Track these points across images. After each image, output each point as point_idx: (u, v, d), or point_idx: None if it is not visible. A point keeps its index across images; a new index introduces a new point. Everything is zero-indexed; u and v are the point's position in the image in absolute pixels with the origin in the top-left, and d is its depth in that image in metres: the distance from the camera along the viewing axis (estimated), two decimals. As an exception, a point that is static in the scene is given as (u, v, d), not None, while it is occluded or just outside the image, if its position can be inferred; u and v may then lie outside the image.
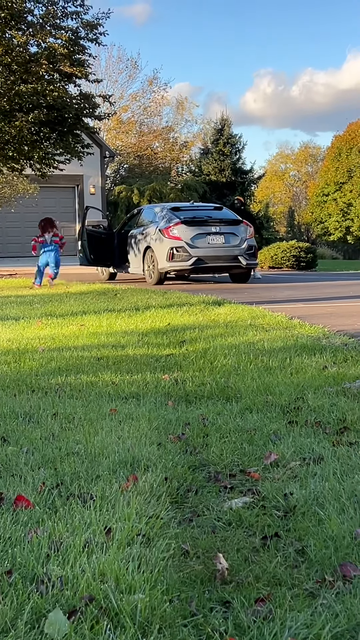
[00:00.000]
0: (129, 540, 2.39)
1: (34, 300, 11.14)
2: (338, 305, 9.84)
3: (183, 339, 6.61)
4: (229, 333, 6.91)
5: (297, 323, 7.49)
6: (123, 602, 1.98)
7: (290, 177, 67.47)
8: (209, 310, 8.85)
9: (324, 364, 5.25)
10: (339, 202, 46.28)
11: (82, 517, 2.56)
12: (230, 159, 39.04)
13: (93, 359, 5.83)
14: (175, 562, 2.28)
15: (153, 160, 41.72)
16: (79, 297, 11.53)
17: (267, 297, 11.27)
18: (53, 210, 30.14)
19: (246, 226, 14.84)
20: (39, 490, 2.85)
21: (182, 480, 2.99)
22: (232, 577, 2.18)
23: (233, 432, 3.68)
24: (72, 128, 18.06)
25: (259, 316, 8.11)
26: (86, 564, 2.20)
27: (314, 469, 3.05)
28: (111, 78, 42.22)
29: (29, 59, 16.73)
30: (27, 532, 2.44)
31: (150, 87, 43.70)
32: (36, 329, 7.74)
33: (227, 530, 2.52)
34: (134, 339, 6.78)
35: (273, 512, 2.65)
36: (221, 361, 5.52)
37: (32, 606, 1.98)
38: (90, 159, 22.34)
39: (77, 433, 3.71)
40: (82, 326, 7.76)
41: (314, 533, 2.44)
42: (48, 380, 5.08)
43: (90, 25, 17.42)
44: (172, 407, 4.26)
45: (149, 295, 11.22)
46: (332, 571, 2.19)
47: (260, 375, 4.99)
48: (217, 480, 3.01)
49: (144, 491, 2.82)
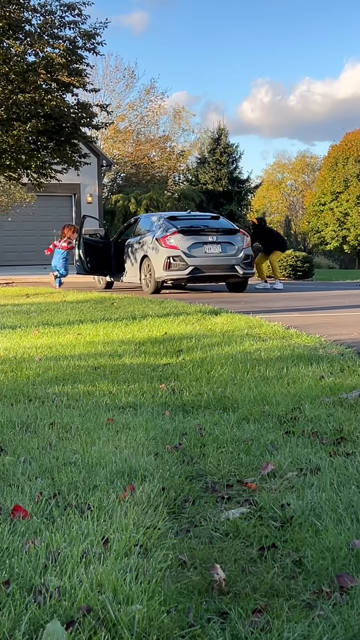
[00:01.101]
0: (127, 551, 2.39)
1: (31, 309, 11.14)
2: (335, 315, 9.85)
3: (180, 349, 6.62)
4: (226, 342, 6.92)
5: (293, 333, 7.50)
6: (121, 613, 1.98)
7: (287, 187, 67.63)
8: (206, 319, 8.86)
9: (321, 374, 5.26)
10: (336, 212, 46.37)
11: (80, 527, 2.56)
12: (227, 168, 39.10)
13: (90, 368, 5.84)
14: (172, 573, 2.28)
15: (150, 169, 41.79)
16: (76, 305, 11.53)
17: (263, 307, 11.28)
18: (50, 219, 30.22)
19: (243, 235, 14.86)
20: (37, 500, 2.85)
21: (179, 491, 3.00)
22: (229, 588, 2.18)
23: (230, 442, 3.68)
24: (69, 137, 18.10)
25: (255, 326, 8.12)
26: (84, 574, 2.21)
27: (311, 480, 3.05)
28: (108, 87, 42.35)
29: (26, 68, 16.77)
30: (24, 543, 2.44)
31: (147, 96, 43.82)
32: (33, 338, 7.74)
33: (224, 541, 2.53)
34: (130, 348, 6.78)
35: (270, 522, 2.65)
36: (218, 371, 5.53)
37: (29, 617, 1.98)
38: (87, 167, 22.38)
39: (75, 443, 3.71)
40: (79, 335, 7.76)
41: (311, 544, 2.44)
42: (45, 390, 5.08)
43: (88, 35, 17.48)
44: (169, 417, 4.26)
45: (145, 304, 11.23)
46: (330, 582, 2.20)
47: (257, 385, 5.00)
48: (214, 491, 3.01)
49: (141, 501, 2.83)
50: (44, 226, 30.30)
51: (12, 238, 29.91)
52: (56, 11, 17.26)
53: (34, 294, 14.74)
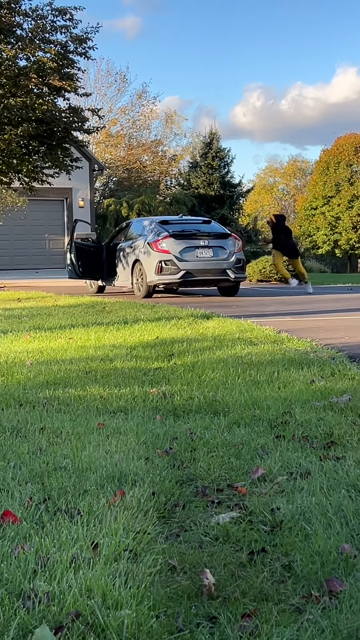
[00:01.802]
0: (116, 556, 2.39)
1: (22, 313, 11.12)
2: (326, 319, 9.87)
3: (171, 353, 6.62)
4: (217, 346, 6.92)
5: (285, 337, 7.51)
6: (110, 618, 1.98)
7: (278, 191, 67.76)
8: (198, 323, 8.86)
9: (312, 378, 5.27)
10: (327, 216, 46.46)
11: (69, 532, 2.56)
12: (218, 173, 39.20)
13: (81, 372, 5.83)
14: (162, 578, 2.28)
15: (142, 173, 41.82)
16: (68, 310, 11.52)
17: (255, 311, 11.29)
18: (42, 223, 30.23)
19: (235, 240, 14.88)
20: (26, 505, 2.84)
21: (169, 495, 3.00)
22: (218, 593, 2.18)
23: (220, 446, 3.69)
24: (61, 141, 18.10)
25: (247, 330, 8.13)
26: (73, 579, 2.20)
27: (300, 484, 3.06)
28: (100, 91, 42.42)
29: (18, 72, 16.77)
30: (14, 548, 2.44)
31: (139, 100, 43.90)
32: (24, 342, 7.73)
33: (214, 546, 2.53)
34: (122, 353, 6.78)
35: (260, 527, 2.65)
36: (209, 375, 5.53)
37: (18, 622, 1.98)
38: (79, 172, 22.37)
39: (65, 447, 3.71)
40: (70, 339, 7.75)
41: (300, 548, 2.44)
42: (36, 394, 5.07)
43: (79, 40, 17.50)
44: (160, 421, 4.26)
45: (137, 308, 11.23)
46: (319, 586, 2.20)
47: (248, 389, 5.00)
48: (204, 495, 3.01)
49: (131, 506, 2.83)
50: (36, 230, 30.30)
51: (4, 242, 29.87)
52: (47, 15, 17.28)
53: (26, 298, 14.72)
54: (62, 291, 16.80)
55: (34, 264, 29.94)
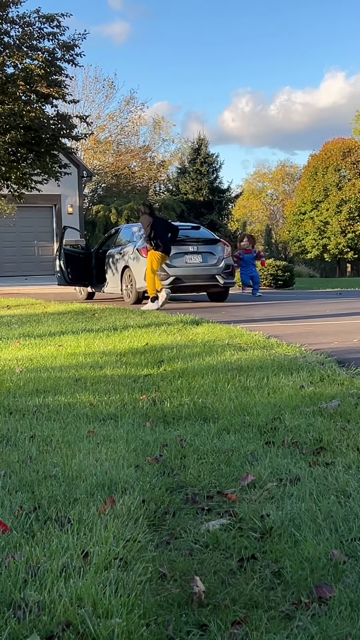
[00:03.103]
0: (107, 564, 2.40)
1: (12, 320, 11.11)
2: (315, 324, 9.89)
3: (161, 359, 6.62)
4: (207, 353, 6.93)
5: (274, 342, 7.52)
6: (100, 627, 1.98)
7: (267, 196, 67.89)
8: (187, 329, 8.87)
9: (301, 384, 5.28)
10: (316, 221, 46.62)
11: (60, 541, 2.56)
12: (207, 178, 39.26)
13: (71, 379, 5.83)
14: (152, 586, 2.29)
15: (131, 179, 41.85)
16: (57, 317, 11.51)
17: (244, 316, 11.31)
18: (31, 230, 30.16)
19: (224, 245, 14.90)
20: (16, 514, 2.84)
21: (159, 503, 3.00)
22: (209, 600, 2.19)
23: (210, 453, 3.69)
24: (49, 148, 18.08)
25: (236, 335, 8.14)
26: (63, 588, 2.21)
27: (290, 490, 3.07)
28: (88, 98, 42.44)
29: (5, 79, 16.76)
30: (4, 557, 2.44)
31: (127, 107, 43.95)
32: (14, 349, 7.72)
33: (204, 553, 2.53)
34: (112, 359, 6.78)
35: (250, 533, 2.66)
36: (199, 381, 5.54)
37: (9, 632, 1.98)
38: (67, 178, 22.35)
39: (55, 456, 3.71)
40: (60, 347, 7.75)
41: (290, 554, 2.45)
42: (26, 402, 5.07)
43: (67, 46, 17.50)
44: (150, 429, 4.26)
45: (127, 314, 11.23)
46: (308, 593, 2.21)
47: (238, 395, 5.01)
48: (194, 502, 3.02)
49: (121, 514, 2.83)
50: (25, 237, 30.23)
51: (-7, 249, 29.81)
52: (35, 23, 17.28)
53: (15, 306, 14.70)
54: (52, 298, 16.78)
55: (23, 271, 29.87)
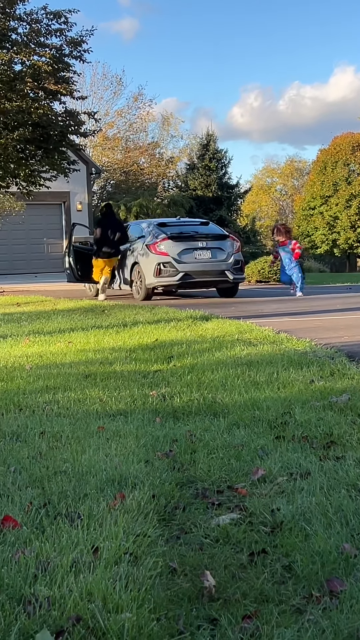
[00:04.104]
0: (117, 559, 2.39)
1: (22, 318, 11.12)
2: (325, 319, 9.87)
3: (171, 355, 6.62)
4: (217, 348, 6.92)
5: (284, 337, 7.50)
6: (110, 622, 1.98)
7: (276, 191, 67.73)
8: (197, 325, 8.86)
9: (311, 378, 5.26)
10: (325, 216, 46.47)
11: (70, 536, 2.56)
12: (216, 174, 39.20)
13: (81, 376, 5.83)
14: (162, 580, 2.28)
15: (139, 176, 41.84)
16: (67, 314, 11.52)
17: (254, 312, 11.29)
18: (40, 228, 30.24)
19: (233, 241, 14.88)
20: (26, 510, 2.84)
21: (169, 498, 3.00)
22: (219, 594, 2.18)
23: (220, 448, 3.68)
24: (57, 145, 18.09)
25: (246, 331, 8.12)
26: (73, 583, 2.20)
27: (301, 484, 3.05)
28: (96, 95, 42.45)
29: (13, 77, 16.76)
30: (14, 553, 2.44)
31: (135, 103, 43.95)
32: (23, 346, 7.73)
33: (214, 547, 2.53)
34: (121, 355, 6.78)
35: (260, 528, 2.65)
36: (209, 376, 5.53)
37: (19, 627, 1.98)
38: (76, 175, 22.38)
39: (65, 451, 3.71)
40: (69, 343, 7.75)
41: (300, 549, 2.44)
42: (35, 399, 5.07)
43: (74, 43, 17.48)
44: (160, 424, 4.26)
45: (136, 311, 11.23)
46: (319, 587, 2.20)
47: (248, 390, 5.00)
48: (204, 497, 3.01)
49: (131, 509, 2.83)
50: (34, 235, 30.31)
51: (3, 247, 29.90)
52: (42, 19, 17.26)
53: (25, 303, 14.73)
54: (61, 295, 16.81)
55: (32, 269, 29.94)
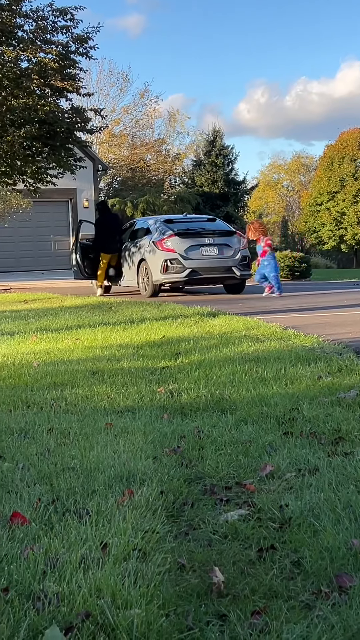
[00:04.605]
0: (125, 555, 2.39)
1: (29, 315, 11.14)
2: (332, 315, 9.85)
3: (178, 351, 6.62)
4: (224, 344, 6.91)
5: (291, 333, 7.49)
6: (119, 618, 1.98)
7: (283, 187, 67.63)
8: (204, 321, 8.86)
9: (319, 374, 5.26)
10: (332, 212, 46.42)
11: (78, 532, 2.56)
12: (222, 170, 39.17)
13: (88, 372, 5.83)
14: (171, 576, 2.28)
15: (146, 172, 41.80)
16: (74, 310, 11.53)
17: (261, 308, 11.28)
18: (47, 225, 30.26)
19: (240, 237, 14.86)
20: (35, 506, 2.85)
21: (177, 494, 3.00)
22: (228, 590, 2.18)
23: (228, 444, 3.68)
24: (64, 142, 18.07)
25: (253, 327, 8.12)
26: (82, 579, 2.21)
27: (309, 480, 3.05)
28: (102, 91, 42.44)
29: (19, 74, 16.75)
30: (23, 549, 2.44)
31: (141, 99, 43.90)
32: (31, 343, 7.74)
33: (223, 543, 2.53)
34: (129, 352, 6.78)
35: (269, 524, 2.65)
36: (216, 373, 5.53)
37: (28, 623, 1.98)
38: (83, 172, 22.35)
39: (73, 448, 3.71)
40: (77, 340, 7.76)
41: (309, 544, 2.44)
42: (43, 395, 5.08)
43: (81, 39, 17.46)
44: (168, 420, 4.26)
45: (143, 307, 11.23)
46: (328, 582, 2.20)
47: (255, 386, 5.00)
48: (212, 493, 3.01)
49: (139, 505, 2.83)
50: (41, 232, 30.33)
51: (9, 244, 29.91)
52: (48, 16, 17.24)
53: (32, 300, 14.75)
54: (68, 292, 16.82)
55: (39, 266, 29.97)
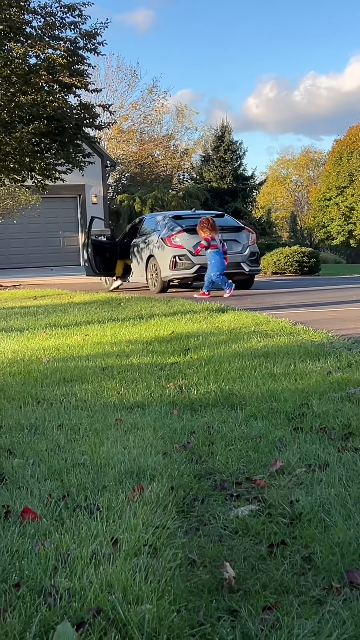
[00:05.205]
0: (136, 551, 2.40)
1: (38, 311, 11.16)
2: (342, 310, 9.83)
3: (187, 347, 6.61)
4: (233, 340, 6.91)
5: (300, 328, 7.49)
6: (130, 613, 1.99)
7: (291, 182, 67.47)
8: (213, 317, 8.85)
9: (328, 370, 5.25)
10: (341, 206, 46.27)
11: (89, 528, 2.57)
12: (231, 166, 39.09)
13: (97, 368, 5.84)
14: (182, 572, 2.28)
15: (154, 168, 41.78)
16: (83, 307, 11.54)
17: (270, 303, 11.27)
18: (55, 221, 30.30)
19: (248, 233, 14.84)
20: (46, 502, 2.85)
21: (188, 490, 3.00)
22: (239, 586, 2.18)
23: (238, 439, 3.68)
24: (72, 138, 18.10)
25: (262, 322, 8.11)
26: (93, 575, 2.21)
27: (319, 476, 3.05)
28: (111, 87, 42.40)
29: (28, 70, 16.77)
30: (34, 545, 2.45)
31: (150, 95, 43.86)
32: (40, 339, 7.76)
33: (233, 539, 2.53)
34: (138, 348, 6.78)
35: (279, 519, 2.65)
36: (226, 368, 5.53)
37: (40, 619, 1.99)
38: (91, 168, 22.40)
39: (83, 444, 3.72)
40: (86, 336, 7.77)
41: (320, 540, 2.44)
42: (53, 391, 5.09)
43: (89, 35, 17.48)
44: (177, 416, 4.26)
45: (152, 303, 11.23)
46: (339, 578, 2.19)
47: (265, 381, 4.99)
48: (223, 489, 3.01)
49: (150, 501, 2.83)
50: (50, 228, 30.37)
51: (19, 241, 29.97)
52: (56, 12, 17.27)
53: (41, 296, 14.77)
54: (77, 288, 16.83)
55: (48, 262, 30.02)
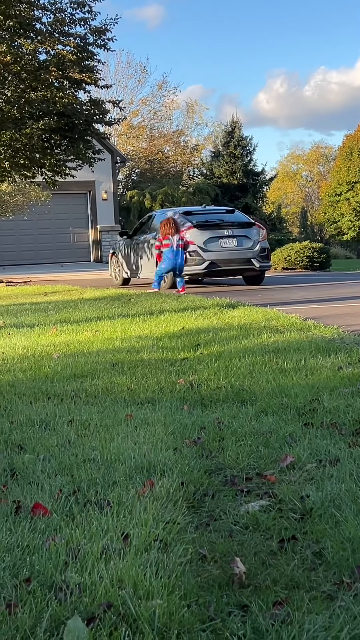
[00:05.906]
0: (147, 546, 2.40)
1: (49, 307, 11.17)
2: (352, 305, 9.81)
3: (198, 343, 6.61)
4: (244, 335, 6.90)
5: (311, 324, 7.47)
6: (141, 608, 1.99)
7: (302, 178, 67.32)
8: (223, 313, 8.84)
9: (339, 365, 5.24)
10: (352, 202, 46.12)
11: (100, 523, 2.57)
12: (241, 161, 39.01)
13: (108, 364, 5.84)
14: (192, 567, 2.28)
15: (164, 164, 41.76)
16: (93, 303, 11.55)
17: (281, 299, 11.25)
18: (65, 217, 30.28)
19: (259, 229, 14.82)
20: (56, 497, 2.86)
21: (198, 485, 3.00)
22: (249, 581, 2.18)
23: (249, 435, 3.68)
24: (82, 134, 18.08)
25: (273, 318, 8.10)
26: (104, 570, 2.21)
27: (330, 471, 3.04)
28: (121, 83, 42.41)
29: (38, 66, 16.76)
30: (45, 540, 2.45)
31: (160, 91, 43.84)
32: (51, 335, 7.76)
33: (244, 534, 2.52)
34: (148, 344, 6.78)
35: (290, 514, 2.65)
36: (236, 364, 5.52)
37: (50, 614, 1.99)
38: (101, 164, 22.37)
39: (93, 439, 3.72)
40: (96, 332, 7.77)
41: (331, 535, 2.43)
42: (64, 387, 5.09)
43: (99, 31, 17.44)
44: (188, 412, 4.26)
45: (162, 299, 11.22)
46: (350, 573, 2.19)
47: (275, 377, 4.99)
48: (233, 484, 3.01)
49: (160, 496, 2.83)
50: (60, 224, 30.37)
51: (29, 237, 29.99)
52: (66, 9, 17.24)
53: (52, 292, 14.79)
54: (88, 284, 16.85)
55: (59, 258, 30.03)
